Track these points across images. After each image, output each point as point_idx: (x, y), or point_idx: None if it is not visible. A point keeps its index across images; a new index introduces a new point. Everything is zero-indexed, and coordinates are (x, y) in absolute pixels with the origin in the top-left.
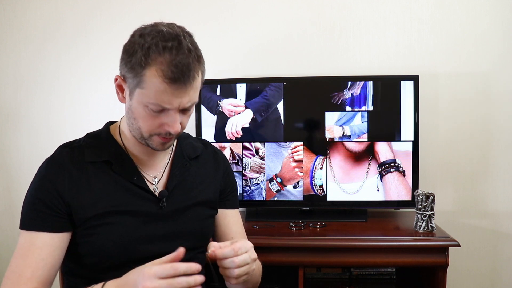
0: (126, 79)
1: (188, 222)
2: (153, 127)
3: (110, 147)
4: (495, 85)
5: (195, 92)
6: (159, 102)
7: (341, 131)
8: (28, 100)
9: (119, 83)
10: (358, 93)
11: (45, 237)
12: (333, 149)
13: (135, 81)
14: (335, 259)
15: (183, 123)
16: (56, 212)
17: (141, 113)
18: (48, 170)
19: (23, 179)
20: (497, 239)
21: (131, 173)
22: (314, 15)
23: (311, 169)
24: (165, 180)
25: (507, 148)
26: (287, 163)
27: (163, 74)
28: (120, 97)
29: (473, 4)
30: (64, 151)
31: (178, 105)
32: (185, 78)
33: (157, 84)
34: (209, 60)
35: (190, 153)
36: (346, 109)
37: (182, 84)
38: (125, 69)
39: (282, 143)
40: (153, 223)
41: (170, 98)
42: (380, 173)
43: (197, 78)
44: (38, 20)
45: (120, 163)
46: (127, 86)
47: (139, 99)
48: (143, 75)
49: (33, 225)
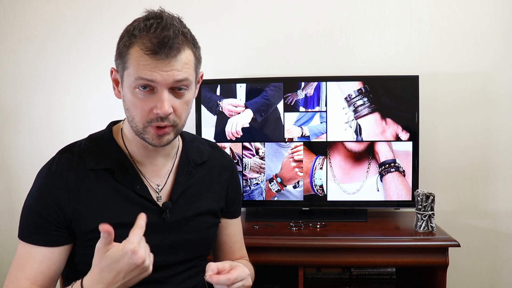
0: (118, 69)
1: (192, 232)
2: (144, 113)
3: (112, 153)
4: (495, 85)
5: (184, 68)
6: (143, 75)
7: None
8: (28, 100)
9: (114, 76)
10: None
11: (45, 251)
12: (333, 149)
13: (122, 65)
14: (335, 259)
15: (178, 110)
16: (56, 226)
17: (131, 99)
18: (47, 181)
19: (23, 179)
20: (497, 239)
21: (134, 181)
22: (314, 15)
23: (311, 169)
24: (169, 188)
25: (507, 148)
26: (287, 163)
27: (144, 47)
28: (116, 92)
29: (473, 4)
30: (64, 158)
31: (164, 80)
32: (167, 49)
33: (140, 58)
34: (209, 60)
35: (196, 159)
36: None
37: (163, 56)
38: (116, 58)
39: (282, 143)
40: (156, 235)
41: (153, 71)
42: (380, 173)
43: (183, 51)
44: (38, 20)
45: (123, 170)
46: (119, 76)
47: (127, 82)
48: (128, 54)
49: (32, 238)
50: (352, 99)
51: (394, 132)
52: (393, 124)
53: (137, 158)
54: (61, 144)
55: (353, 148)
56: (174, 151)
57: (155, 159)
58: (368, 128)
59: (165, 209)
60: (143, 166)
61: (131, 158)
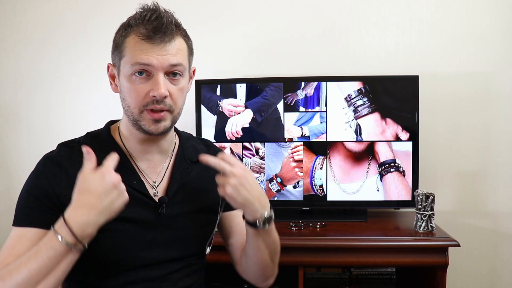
0: (114, 62)
1: (188, 228)
2: (139, 98)
3: (110, 149)
4: (495, 85)
5: (178, 53)
6: (139, 60)
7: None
8: (28, 100)
9: (111, 71)
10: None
11: (37, 232)
12: (333, 149)
13: (119, 55)
14: (335, 259)
15: (174, 95)
16: (51, 209)
17: (128, 87)
18: (46, 168)
19: (23, 179)
20: (497, 239)
21: (131, 177)
22: (314, 15)
23: (311, 169)
24: (165, 184)
25: (507, 148)
26: (287, 163)
27: (140, 33)
28: (113, 87)
29: (473, 4)
30: (63, 150)
31: (159, 63)
32: (161, 33)
33: (136, 44)
34: (209, 60)
35: (192, 157)
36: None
37: (158, 40)
38: (112, 52)
39: (282, 143)
40: (152, 230)
41: (149, 55)
42: (380, 173)
43: (176, 38)
44: (38, 20)
45: (120, 166)
46: (116, 68)
47: (124, 71)
48: (124, 43)
49: (26, 221)
50: (352, 99)
51: (394, 132)
52: (393, 124)
53: (134, 154)
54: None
55: (353, 148)
56: (171, 148)
57: (151, 155)
58: (368, 128)
59: (161, 204)
60: (140, 162)
61: (128, 154)
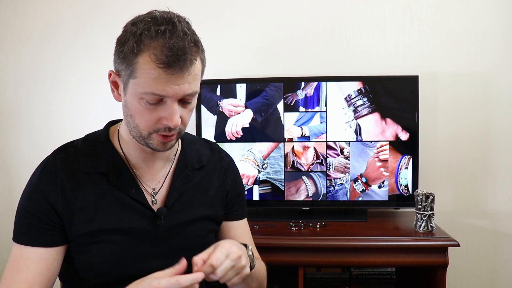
0: (119, 72)
1: (187, 238)
2: (150, 122)
3: (108, 156)
4: (495, 85)
5: (194, 79)
6: (154, 91)
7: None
8: (28, 100)
9: (113, 79)
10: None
11: (42, 252)
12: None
13: (128, 72)
14: (335, 259)
15: (184, 118)
16: (51, 226)
17: (136, 107)
18: (40, 180)
19: (23, 179)
20: (497, 239)
21: (129, 185)
22: (314, 15)
23: (396, 169)
24: (165, 192)
25: (507, 148)
26: (372, 162)
27: (157, 58)
28: (115, 95)
29: (473, 4)
30: (58, 158)
31: (176, 94)
32: (181, 61)
33: (151, 70)
34: (209, 60)
35: (194, 163)
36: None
37: (177, 69)
38: (118, 61)
39: (367, 143)
40: (150, 241)
41: (166, 86)
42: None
43: (195, 63)
44: (38, 20)
45: (118, 174)
46: (121, 80)
47: (134, 91)
48: (136, 63)
49: (28, 239)
50: (352, 99)
51: (394, 132)
52: (393, 124)
53: (133, 161)
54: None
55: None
56: (173, 154)
57: (152, 162)
58: (368, 128)
59: (159, 215)
60: (139, 169)
61: (127, 161)
